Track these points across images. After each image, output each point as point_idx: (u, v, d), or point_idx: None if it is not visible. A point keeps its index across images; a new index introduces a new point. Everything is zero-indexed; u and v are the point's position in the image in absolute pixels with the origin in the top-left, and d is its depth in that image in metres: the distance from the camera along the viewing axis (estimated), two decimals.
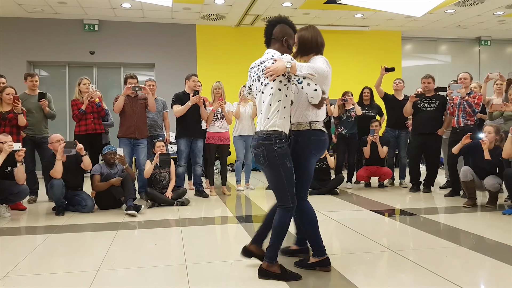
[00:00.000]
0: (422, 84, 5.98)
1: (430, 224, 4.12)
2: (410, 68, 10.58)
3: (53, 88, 8.92)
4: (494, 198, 4.82)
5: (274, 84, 2.52)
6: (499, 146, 4.74)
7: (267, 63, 2.53)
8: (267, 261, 2.62)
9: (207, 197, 5.71)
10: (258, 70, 2.62)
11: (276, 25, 2.65)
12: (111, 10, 8.44)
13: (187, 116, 5.56)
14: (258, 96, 2.65)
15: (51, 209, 4.91)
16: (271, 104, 2.52)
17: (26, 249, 3.34)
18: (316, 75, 2.47)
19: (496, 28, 10.04)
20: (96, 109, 5.45)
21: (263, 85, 2.57)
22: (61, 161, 4.61)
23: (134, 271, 2.83)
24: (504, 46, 11.31)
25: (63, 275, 2.79)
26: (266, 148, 2.51)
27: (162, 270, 2.84)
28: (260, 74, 2.59)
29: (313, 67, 2.47)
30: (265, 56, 2.61)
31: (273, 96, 2.52)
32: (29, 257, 3.14)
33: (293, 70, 2.44)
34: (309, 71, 2.45)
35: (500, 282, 2.58)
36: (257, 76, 2.63)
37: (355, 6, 8.13)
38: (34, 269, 2.90)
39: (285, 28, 2.65)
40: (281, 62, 2.42)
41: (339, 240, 3.64)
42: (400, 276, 2.67)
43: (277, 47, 2.64)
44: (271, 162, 2.52)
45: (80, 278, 2.70)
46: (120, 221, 4.36)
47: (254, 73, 2.67)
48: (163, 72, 9.29)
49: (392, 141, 6.46)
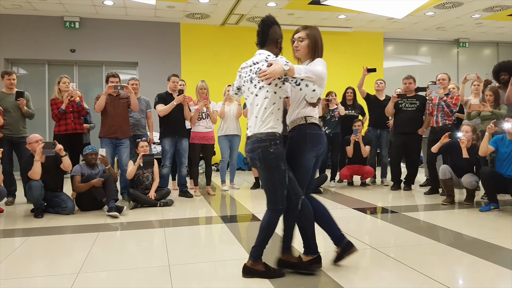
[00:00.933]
0: (404, 85, 6.09)
1: (411, 221, 4.20)
2: (392, 69, 10.74)
3: (32, 86, 8.72)
4: (471, 196, 4.96)
5: (270, 88, 2.50)
6: (476, 145, 4.87)
7: (261, 65, 2.51)
8: (252, 260, 2.62)
9: (192, 198, 5.69)
10: (251, 71, 2.57)
11: (272, 26, 2.61)
12: (93, 7, 8.31)
13: (171, 116, 5.52)
14: (250, 97, 2.61)
15: (29, 211, 4.82)
16: (267, 108, 2.50)
17: (3, 253, 3.26)
18: (314, 77, 2.45)
19: (474, 30, 10.27)
20: (76, 108, 5.35)
21: (257, 88, 2.54)
22: (39, 162, 4.51)
23: (116, 273, 2.80)
24: (482, 48, 11.59)
25: (43, 279, 2.74)
26: (262, 151, 2.49)
27: (145, 272, 2.82)
28: (253, 75, 2.56)
29: (310, 69, 2.46)
30: (258, 57, 2.57)
31: (269, 99, 2.50)
32: (7, 261, 3.07)
33: (291, 73, 2.41)
34: (307, 74, 2.43)
35: (478, 277, 2.65)
36: (249, 77, 2.59)
37: (339, 7, 8.21)
38: (13, 273, 2.83)
39: (278, 30, 2.64)
40: (278, 65, 2.41)
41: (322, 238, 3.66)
42: (382, 273, 2.71)
43: (271, 48, 2.61)
44: (267, 164, 2.51)
45: (60, 281, 2.65)
46: (102, 222, 4.30)
47: (246, 73, 2.62)
48: (146, 71, 9.20)
49: (374, 141, 6.55)
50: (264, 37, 2.61)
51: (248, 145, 2.57)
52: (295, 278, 2.66)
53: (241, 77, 2.68)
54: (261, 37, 2.62)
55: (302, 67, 2.46)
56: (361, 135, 6.36)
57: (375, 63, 8.41)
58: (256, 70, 2.53)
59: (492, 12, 8.71)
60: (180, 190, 5.83)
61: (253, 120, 2.57)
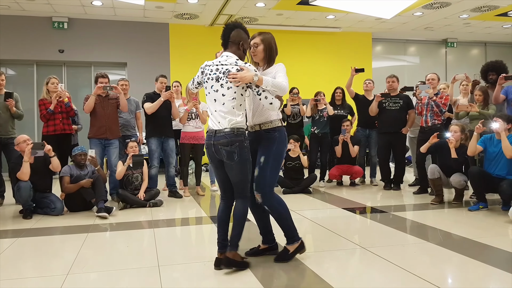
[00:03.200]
0: (387, 84, 6.15)
1: (400, 221, 4.23)
2: (380, 69, 10.80)
3: (21, 87, 8.61)
4: (460, 195, 5.00)
5: (237, 89, 2.69)
6: (464, 145, 4.92)
7: (231, 67, 2.69)
8: (234, 250, 2.73)
9: (181, 198, 5.68)
10: (217, 70, 2.75)
11: (234, 29, 2.80)
12: (81, 8, 8.24)
13: (157, 115, 5.50)
14: (211, 94, 2.77)
15: (18, 212, 4.77)
16: (235, 107, 2.70)
17: None
18: (278, 91, 2.71)
19: (462, 30, 10.39)
20: (65, 109, 5.31)
21: (224, 87, 2.71)
22: (28, 162, 4.47)
23: (106, 274, 2.78)
24: (470, 48, 11.72)
25: (32, 280, 2.72)
26: (239, 145, 2.67)
27: (135, 272, 2.81)
28: (220, 75, 2.73)
29: (276, 84, 2.70)
30: (226, 59, 2.75)
31: (237, 99, 2.70)
32: None
33: (259, 83, 2.66)
34: (274, 87, 2.69)
35: (466, 276, 2.68)
36: (215, 76, 2.75)
37: (327, 8, 8.24)
38: (2, 274, 2.80)
39: (241, 33, 2.81)
40: (249, 73, 2.64)
41: (312, 238, 3.69)
42: (371, 272, 2.73)
43: (234, 50, 2.79)
44: (243, 157, 2.69)
45: (49, 282, 2.63)
46: (91, 223, 4.27)
47: (211, 71, 2.78)
48: (135, 72, 9.14)
49: (363, 140, 6.59)
50: (225, 39, 2.81)
51: (222, 138, 2.68)
52: (286, 278, 2.67)
53: (204, 74, 2.84)
54: (223, 39, 2.82)
55: (270, 80, 2.69)
56: (350, 135, 6.39)
57: (363, 63, 8.48)
58: (224, 71, 2.71)
59: (480, 12, 8.82)
60: (169, 191, 5.81)
61: (219, 116, 2.72)
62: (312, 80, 9.45)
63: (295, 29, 9.81)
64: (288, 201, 3.06)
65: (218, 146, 2.69)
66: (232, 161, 2.69)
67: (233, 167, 2.71)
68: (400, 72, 10.35)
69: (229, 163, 2.71)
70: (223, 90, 2.71)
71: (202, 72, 2.87)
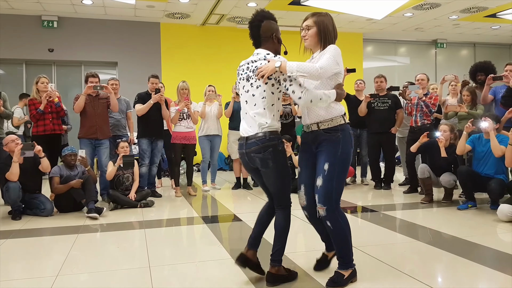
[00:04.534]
0: (375, 84, 6.19)
1: (390, 220, 4.27)
2: (371, 69, 10.87)
3: (10, 86, 8.52)
4: (450, 194, 5.05)
5: (266, 87, 2.40)
6: (453, 144, 4.98)
7: (259, 63, 2.42)
8: (277, 265, 2.49)
9: (160, 197, 5.67)
10: (248, 69, 2.49)
11: (260, 24, 2.50)
12: (71, 7, 8.18)
13: (148, 116, 5.53)
14: (244, 95, 2.50)
15: (7, 213, 4.71)
16: (266, 108, 2.41)
17: None
18: (307, 75, 2.30)
19: (451, 31, 10.50)
20: (55, 109, 5.26)
21: (254, 86, 2.44)
22: (18, 163, 4.42)
23: (96, 275, 2.77)
24: (459, 49, 11.85)
25: (21, 282, 2.69)
26: (273, 150, 2.40)
27: (125, 273, 2.79)
28: (250, 74, 2.47)
29: (302, 67, 2.27)
30: (256, 56, 2.48)
31: (266, 99, 2.40)
32: None
33: (283, 70, 2.30)
34: (299, 72, 2.28)
35: (456, 275, 2.71)
36: (246, 76, 2.50)
37: (318, 8, 8.28)
38: None
39: (269, 24, 2.53)
40: (272, 62, 2.33)
41: (304, 238, 3.70)
42: (362, 271, 2.74)
43: (268, 46, 2.50)
44: (279, 163, 2.43)
45: (39, 283, 2.61)
46: (81, 224, 4.24)
47: (243, 71, 2.53)
48: (126, 71, 9.10)
49: (353, 140, 6.60)
50: (256, 39, 2.52)
51: (253, 145, 2.41)
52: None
53: (239, 75, 2.58)
54: (253, 40, 2.53)
55: (295, 64, 2.28)
56: None
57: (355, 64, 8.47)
58: (253, 69, 2.45)
59: (469, 14, 8.92)
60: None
61: (250, 119, 2.45)
62: None
63: (286, 29, 9.72)
64: None
65: (251, 154, 2.44)
66: (267, 168, 2.43)
67: (270, 174, 2.45)
68: (391, 73, 10.45)
69: (265, 171, 2.45)
70: (253, 90, 2.43)
71: (238, 74, 2.58)
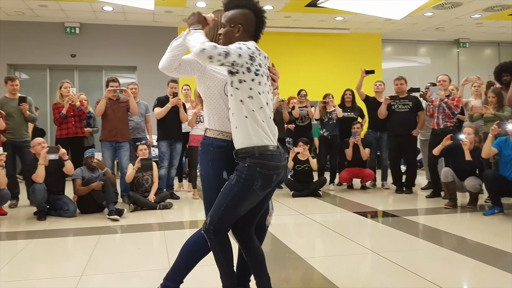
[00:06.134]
0: (395, 86, 6.08)
1: (412, 225, 4.18)
2: (390, 70, 10.71)
3: (34, 91, 8.73)
4: (475, 199, 4.88)
5: None
6: (478, 147, 4.83)
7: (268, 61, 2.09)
8: None
9: (178, 199, 5.72)
10: (265, 65, 2.03)
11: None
12: (93, 13, 8.35)
13: (166, 119, 5.59)
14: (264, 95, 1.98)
15: (32, 214, 4.83)
16: None
17: (7, 255, 3.27)
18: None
19: (474, 30, 10.26)
20: (77, 112, 5.39)
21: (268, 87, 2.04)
22: (43, 165, 4.54)
23: (118, 276, 2.81)
24: (482, 48, 11.58)
25: (46, 281, 2.76)
26: None
27: (146, 274, 2.82)
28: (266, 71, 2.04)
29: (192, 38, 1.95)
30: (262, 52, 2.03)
31: None
32: (10, 263, 3.08)
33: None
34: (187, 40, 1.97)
35: (481, 283, 2.63)
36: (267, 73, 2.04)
37: (336, 9, 8.22)
38: (16, 275, 2.85)
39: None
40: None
41: (322, 242, 3.67)
42: (383, 278, 2.70)
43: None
44: None
45: (63, 283, 2.67)
46: (103, 225, 4.31)
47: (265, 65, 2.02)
48: (145, 75, 9.21)
49: (374, 143, 6.53)
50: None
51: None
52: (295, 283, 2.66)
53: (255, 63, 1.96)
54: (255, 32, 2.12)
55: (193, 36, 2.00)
56: (361, 138, 6.35)
57: (373, 65, 8.41)
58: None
59: (493, 12, 8.70)
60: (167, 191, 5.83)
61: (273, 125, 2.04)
62: (321, 82, 9.41)
63: (303, 31, 9.80)
64: (298, 204, 3.05)
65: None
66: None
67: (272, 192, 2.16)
68: (411, 73, 10.27)
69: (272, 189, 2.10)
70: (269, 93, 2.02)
71: (251, 58, 1.92)
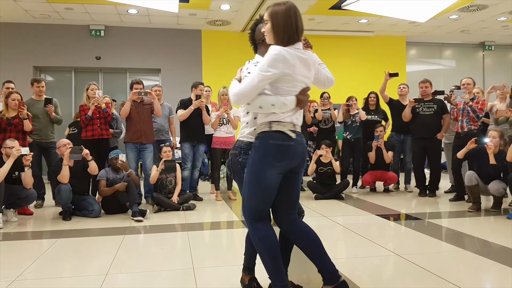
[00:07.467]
0: (420, 89, 6.02)
1: (435, 228, 4.13)
2: (415, 73, 10.58)
3: (59, 93, 8.99)
4: (499, 203, 4.83)
5: None
6: (503, 151, 4.75)
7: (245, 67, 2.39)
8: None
9: (201, 201, 5.77)
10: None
11: (255, 29, 2.39)
12: (117, 16, 8.52)
13: (189, 121, 5.67)
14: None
15: (58, 214, 4.96)
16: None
17: (33, 254, 3.37)
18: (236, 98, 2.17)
19: (499, 33, 10.05)
20: (102, 114, 5.50)
21: None
22: (67, 166, 4.65)
23: (142, 275, 2.86)
24: (508, 51, 11.31)
25: (71, 279, 2.83)
26: None
27: (170, 274, 2.87)
28: None
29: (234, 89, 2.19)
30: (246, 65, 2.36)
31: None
32: (37, 262, 3.17)
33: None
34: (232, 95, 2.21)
35: (505, 286, 2.58)
36: None
37: (360, 12, 8.17)
38: (42, 273, 2.93)
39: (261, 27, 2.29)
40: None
41: (345, 244, 3.65)
42: (406, 280, 2.68)
43: (263, 50, 2.29)
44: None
45: (88, 282, 2.73)
46: (127, 225, 4.39)
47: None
48: (168, 78, 9.36)
49: (397, 146, 6.47)
50: (253, 43, 2.45)
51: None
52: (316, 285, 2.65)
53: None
54: (252, 44, 2.46)
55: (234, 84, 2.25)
56: (383, 141, 6.29)
57: (397, 68, 8.34)
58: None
59: None
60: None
61: None
62: (345, 85, 9.34)
63: (327, 33, 9.77)
64: (320, 207, 3.05)
65: None
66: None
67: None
68: (436, 76, 10.13)
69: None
70: None
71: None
